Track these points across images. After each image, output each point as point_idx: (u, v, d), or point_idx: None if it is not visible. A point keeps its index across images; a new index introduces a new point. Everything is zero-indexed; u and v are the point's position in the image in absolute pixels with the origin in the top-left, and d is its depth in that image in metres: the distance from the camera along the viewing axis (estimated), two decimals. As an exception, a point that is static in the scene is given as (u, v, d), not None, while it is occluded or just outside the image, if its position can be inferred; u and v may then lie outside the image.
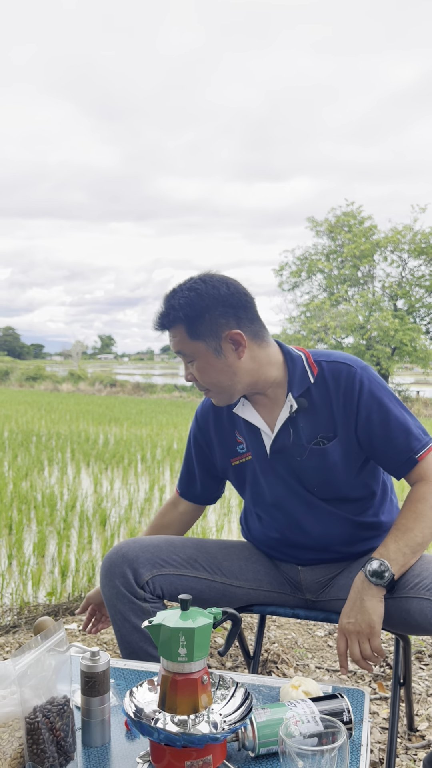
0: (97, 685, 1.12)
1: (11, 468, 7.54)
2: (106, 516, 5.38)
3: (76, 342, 43.65)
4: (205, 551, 1.71)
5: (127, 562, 1.59)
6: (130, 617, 1.56)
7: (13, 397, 21.49)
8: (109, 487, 6.90)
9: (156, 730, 0.99)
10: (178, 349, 1.55)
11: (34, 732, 1.02)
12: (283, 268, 22.75)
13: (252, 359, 1.55)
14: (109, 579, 1.59)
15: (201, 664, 1.04)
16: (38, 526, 5.06)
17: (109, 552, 1.64)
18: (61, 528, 5.01)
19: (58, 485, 6.79)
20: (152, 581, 1.58)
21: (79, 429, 11.82)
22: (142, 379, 28.15)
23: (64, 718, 1.06)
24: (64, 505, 5.84)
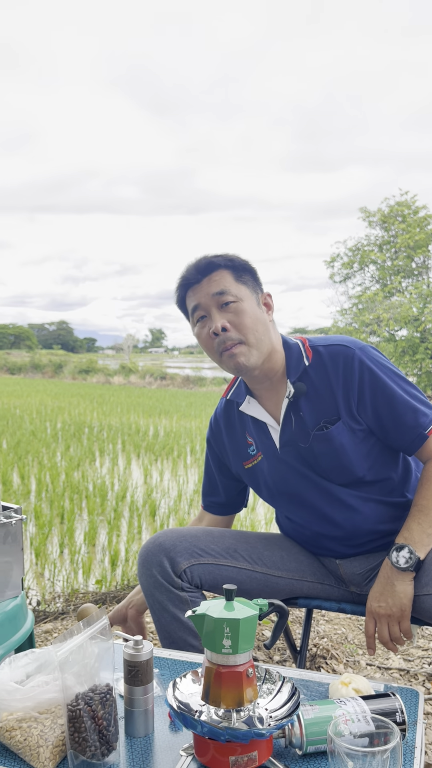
0: (140, 674, 1.09)
1: (64, 458, 7.68)
2: (155, 507, 5.41)
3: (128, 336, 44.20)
4: (245, 541, 1.68)
5: (164, 551, 1.57)
6: (168, 606, 1.54)
7: (66, 389, 21.90)
8: (158, 478, 6.94)
9: (199, 723, 0.95)
10: (222, 288, 1.51)
11: (76, 720, 1.00)
12: (334, 260, 22.42)
13: (273, 332, 1.59)
14: (146, 568, 1.58)
15: (246, 656, 1.00)
16: (89, 515, 5.13)
17: (146, 542, 1.62)
18: (111, 518, 5.06)
19: (109, 476, 6.87)
20: (190, 570, 1.56)
21: (130, 421, 11.95)
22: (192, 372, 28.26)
23: (107, 707, 1.04)
24: (114, 495, 5.90)
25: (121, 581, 3.45)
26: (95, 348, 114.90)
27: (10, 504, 1.32)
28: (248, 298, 1.53)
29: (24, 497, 5.64)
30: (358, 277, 22.63)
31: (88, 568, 3.84)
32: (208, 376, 26.65)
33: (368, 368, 1.52)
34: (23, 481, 6.33)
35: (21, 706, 1.05)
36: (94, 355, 59.02)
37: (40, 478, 6.35)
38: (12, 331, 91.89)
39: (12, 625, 1.26)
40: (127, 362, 31.31)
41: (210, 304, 1.53)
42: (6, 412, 12.94)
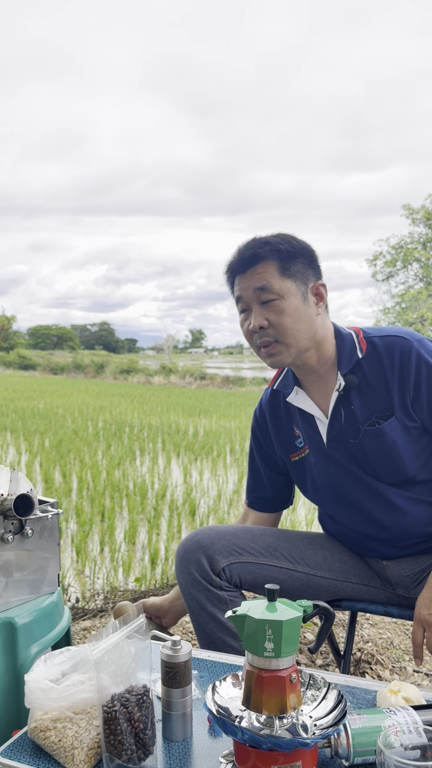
0: (178, 676, 1.05)
1: (105, 457, 7.72)
2: (195, 506, 5.38)
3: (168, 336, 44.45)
4: (286, 540, 1.62)
5: (202, 548, 1.53)
6: (206, 606, 1.50)
7: (107, 389, 22.12)
8: (198, 477, 6.92)
9: (240, 730, 0.90)
10: (264, 284, 1.44)
11: (111, 722, 0.96)
12: (377, 258, 22.10)
13: (322, 324, 1.51)
14: (184, 566, 1.53)
15: (289, 660, 0.95)
16: (129, 513, 5.13)
17: (184, 539, 1.58)
18: (151, 516, 5.06)
19: (149, 474, 6.88)
20: (228, 569, 1.51)
21: (170, 420, 11.97)
22: (232, 373, 28.22)
23: (144, 709, 0.99)
24: (154, 494, 5.90)
25: (161, 580, 3.43)
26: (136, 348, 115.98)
27: (47, 498, 1.30)
28: (292, 294, 1.45)
29: (65, 495, 5.69)
30: (402, 276, 22.24)
31: (127, 566, 3.84)
32: (248, 376, 26.56)
33: (426, 362, 1.44)
34: (65, 479, 6.38)
35: (56, 705, 1.02)
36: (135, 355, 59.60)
37: (82, 476, 6.40)
38: (55, 332, 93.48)
39: (48, 621, 1.23)
40: (167, 362, 31.47)
41: (252, 298, 1.47)
42: (49, 411, 13.12)
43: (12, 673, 1.16)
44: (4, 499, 1.19)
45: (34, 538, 1.24)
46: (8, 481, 1.23)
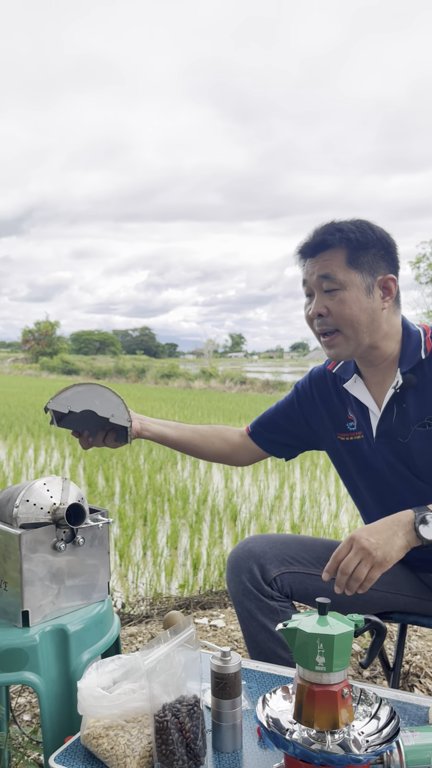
0: (228, 687, 1.05)
1: (147, 461, 7.79)
2: (236, 511, 5.38)
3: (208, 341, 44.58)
4: None
5: (254, 557, 1.52)
6: (257, 615, 1.49)
7: (148, 393, 22.29)
8: (239, 482, 6.91)
9: (292, 744, 0.90)
10: (328, 272, 1.42)
11: (163, 731, 0.97)
12: (420, 260, 21.74)
13: (387, 319, 1.47)
14: (235, 574, 1.53)
15: (341, 675, 0.94)
16: (171, 518, 5.16)
17: (236, 547, 1.58)
18: (193, 521, 5.07)
19: (191, 479, 6.90)
20: (280, 579, 1.51)
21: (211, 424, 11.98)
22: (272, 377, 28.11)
23: (194, 719, 1.00)
24: (196, 498, 5.92)
25: (203, 586, 3.43)
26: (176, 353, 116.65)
27: (98, 507, 1.32)
28: (356, 286, 1.42)
29: (108, 499, 5.75)
30: (445, 278, 21.83)
31: (170, 571, 3.85)
32: (288, 381, 26.42)
33: None
34: (108, 483, 6.46)
35: (108, 713, 1.03)
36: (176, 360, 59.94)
37: (124, 480, 6.46)
38: (97, 337, 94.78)
39: (99, 629, 1.25)
40: (207, 367, 31.56)
41: (315, 285, 1.46)
42: (91, 415, 13.28)
43: (64, 679, 1.18)
44: (57, 508, 1.22)
45: (85, 547, 1.26)
46: (60, 490, 1.25)
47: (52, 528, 1.21)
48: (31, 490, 1.22)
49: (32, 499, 1.22)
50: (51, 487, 1.24)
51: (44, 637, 1.17)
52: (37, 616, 1.19)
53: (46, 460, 7.73)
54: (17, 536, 1.16)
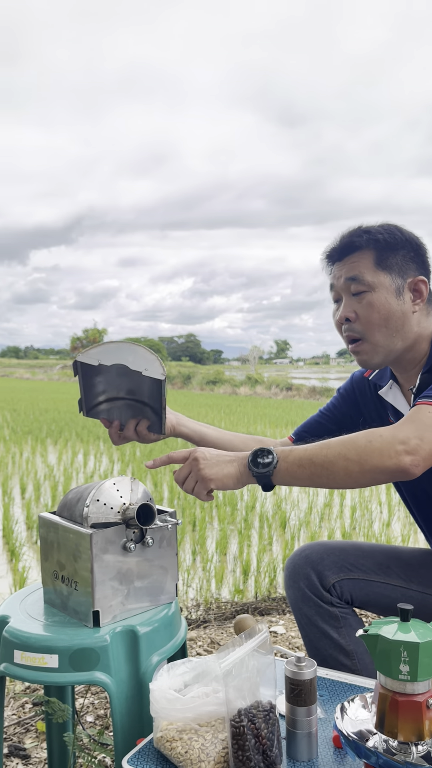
0: (303, 693, 1.03)
1: (194, 467, 7.78)
2: (285, 518, 5.33)
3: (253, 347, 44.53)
4: (397, 557, 1.56)
5: (311, 564, 1.50)
6: (317, 622, 1.46)
7: (194, 399, 22.38)
8: (287, 490, 6.85)
9: (374, 754, 0.87)
10: (356, 274, 1.39)
11: (239, 737, 0.95)
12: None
13: (418, 322, 1.42)
14: (293, 581, 1.51)
15: (426, 685, 0.91)
16: (220, 524, 5.14)
17: (293, 554, 1.55)
18: (242, 527, 5.04)
19: (238, 486, 6.87)
20: (339, 585, 1.47)
21: (257, 431, 11.95)
22: (318, 383, 27.85)
23: (270, 725, 0.98)
24: (244, 505, 5.89)
25: (254, 592, 3.41)
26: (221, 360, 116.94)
27: (165, 508, 1.31)
28: (384, 288, 1.38)
29: (157, 504, 5.78)
30: None
31: (220, 577, 3.84)
32: (335, 387, 26.10)
33: None
34: (156, 488, 6.49)
35: (181, 716, 1.02)
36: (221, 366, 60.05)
37: (172, 485, 6.48)
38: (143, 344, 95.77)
39: (167, 632, 1.24)
40: (252, 373, 31.50)
41: (343, 288, 1.43)
42: (138, 421, 13.39)
43: (134, 680, 1.17)
44: (127, 508, 1.22)
45: (154, 548, 1.26)
46: (129, 490, 1.25)
47: (122, 528, 1.21)
48: (101, 490, 1.22)
49: (102, 498, 1.22)
50: (120, 487, 1.24)
51: (115, 637, 1.16)
52: (107, 616, 1.19)
53: (95, 465, 7.81)
54: (88, 536, 1.16)
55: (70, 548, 1.21)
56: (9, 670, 1.16)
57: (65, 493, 4.55)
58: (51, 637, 1.15)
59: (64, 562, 1.24)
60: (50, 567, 1.29)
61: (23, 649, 1.15)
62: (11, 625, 1.20)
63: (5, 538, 4.72)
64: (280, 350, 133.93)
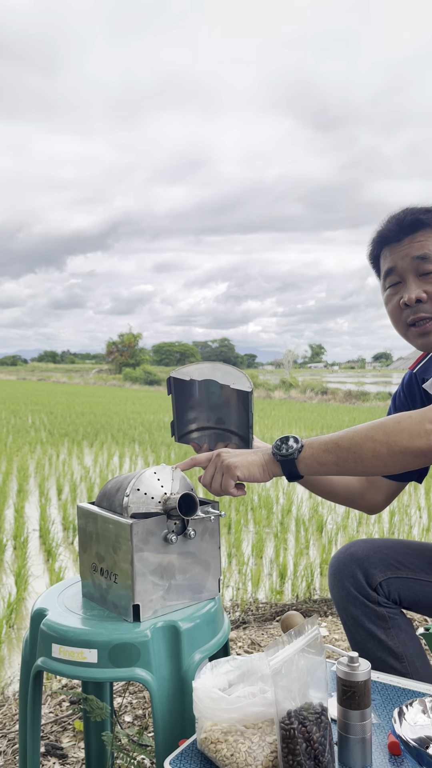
0: (357, 696, 0.96)
1: (229, 470, 7.73)
2: (322, 522, 5.23)
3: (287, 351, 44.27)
4: None
5: (356, 561, 1.43)
6: (363, 622, 1.39)
7: (227, 404, 22.27)
8: (324, 493, 6.73)
9: (439, 764, 0.80)
10: (426, 252, 1.32)
11: (290, 740, 0.89)
12: None
13: None
14: (338, 580, 1.44)
15: None
16: (255, 527, 5.08)
17: (338, 552, 1.49)
18: (278, 531, 4.97)
19: (273, 489, 6.80)
20: (386, 584, 1.40)
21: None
22: (354, 387, 27.48)
23: (322, 729, 0.92)
24: (280, 508, 5.81)
25: (291, 595, 3.33)
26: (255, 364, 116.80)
27: (207, 499, 1.26)
28: None
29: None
30: None
31: (256, 580, 3.78)
32: (372, 391, 25.80)
33: None
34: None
35: (226, 717, 0.96)
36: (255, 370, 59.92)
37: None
38: (178, 349, 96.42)
39: (210, 628, 1.19)
40: (287, 377, 31.30)
41: (408, 269, 1.35)
42: (172, 424, 13.42)
43: (176, 678, 1.12)
44: (168, 497, 1.17)
45: (196, 540, 1.21)
46: (170, 479, 1.20)
47: (163, 518, 1.16)
48: (141, 480, 1.18)
49: (143, 488, 1.17)
50: (161, 476, 1.20)
51: (156, 633, 1.11)
52: (148, 611, 1.14)
53: (130, 467, 7.82)
54: (129, 526, 1.11)
55: (110, 539, 1.17)
56: (47, 664, 1.12)
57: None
58: (90, 631, 1.11)
59: (103, 553, 1.19)
60: (89, 559, 1.24)
61: (61, 642, 1.11)
62: (49, 619, 1.16)
63: (42, 539, 4.73)
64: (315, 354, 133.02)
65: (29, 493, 6.33)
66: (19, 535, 4.63)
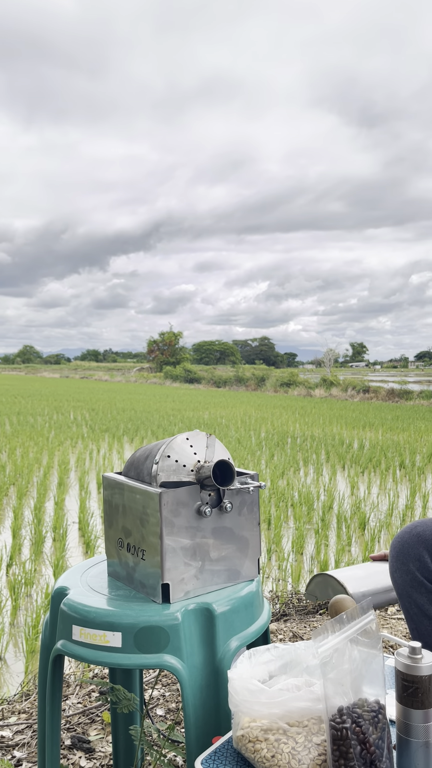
0: (420, 693, 0.82)
1: (268, 466, 7.59)
2: (365, 519, 5.06)
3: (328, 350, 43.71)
4: None
5: (424, 543, 1.28)
6: (428, 610, 1.25)
7: (268, 401, 22.12)
8: (366, 491, 6.54)
9: None
10: None
11: (341, 741, 0.76)
12: None
13: None
14: (401, 563, 1.29)
15: None
16: (296, 523, 4.94)
17: (401, 531, 1.34)
18: (319, 527, 4.83)
19: (314, 485, 6.63)
20: None
21: (333, 432, 11.60)
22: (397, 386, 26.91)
23: (379, 731, 0.78)
24: (321, 504, 5.66)
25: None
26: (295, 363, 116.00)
27: (247, 470, 1.13)
28: None
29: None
30: None
31: (297, 576, 3.65)
32: (415, 389, 25.20)
33: None
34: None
35: (267, 712, 0.83)
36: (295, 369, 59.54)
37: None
38: (218, 348, 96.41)
39: (248, 613, 1.06)
40: (328, 375, 30.89)
41: None
42: (213, 421, 13.32)
43: (210, 668, 0.99)
44: (201, 466, 1.05)
45: (233, 514, 1.08)
46: (205, 447, 1.08)
47: (196, 488, 1.03)
48: (171, 446, 1.06)
49: (173, 455, 1.05)
50: (195, 443, 1.07)
51: (187, 616, 0.99)
52: (179, 591, 1.02)
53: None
54: (157, 495, 0.99)
55: (137, 511, 1.05)
56: (66, 647, 1.01)
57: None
58: (114, 612, 0.99)
59: (130, 527, 1.08)
60: (115, 534, 1.13)
61: (83, 624, 1.00)
62: (70, 598, 1.05)
63: (81, 530, 4.68)
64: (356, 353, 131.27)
65: (69, 486, 6.31)
66: (58, 527, 4.59)
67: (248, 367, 45.03)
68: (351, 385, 26.83)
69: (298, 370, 52.35)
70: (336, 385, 27.46)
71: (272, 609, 2.68)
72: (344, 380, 28.55)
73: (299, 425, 12.91)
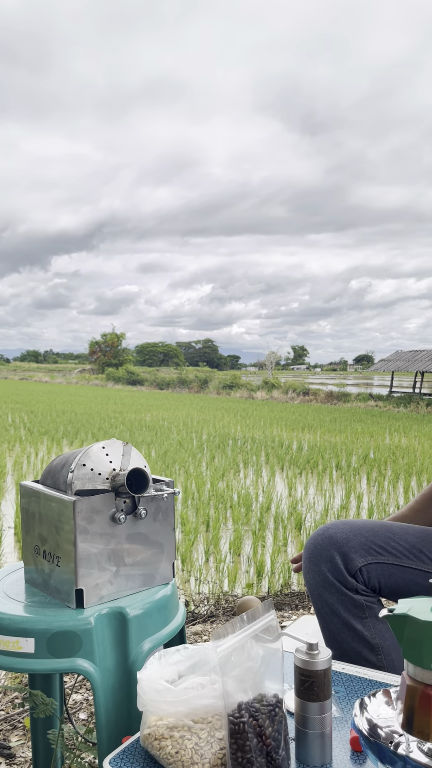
0: (316, 687, 0.87)
1: (209, 468, 7.65)
2: (301, 520, 5.17)
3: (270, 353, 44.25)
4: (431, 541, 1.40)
5: (335, 544, 1.33)
6: (339, 611, 1.30)
7: (210, 403, 22.22)
8: (303, 491, 6.68)
9: (402, 760, 0.72)
10: None
11: (239, 735, 0.80)
12: None
13: None
14: (314, 564, 1.34)
15: (465, 677, 0.75)
16: (234, 524, 5.00)
17: (315, 533, 1.39)
18: (256, 528, 4.90)
19: (253, 487, 6.72)
20: (366, 570, 1.31)
21: (273, 434, 11.77)
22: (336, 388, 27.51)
23: (276, 723, 0.83)
24: (259, 506, 5.74)
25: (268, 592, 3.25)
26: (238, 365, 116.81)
27: (162, 477, 1.16)
28: None
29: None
30: None
31: (233, 577, 3.70)
32: (353, 392, 25.80)
33: None
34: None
35: (173, 710, 0.87)
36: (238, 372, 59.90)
37: (187, 486, 6.34)
38: (161, 349, 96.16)
39: (162, 616, 1.09)
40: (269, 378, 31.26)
41: None
42: (155, 423, 13.30)
43: (123, 670, 1.02)
44: (117, 474, 1.07)
45: (148, 520, 1.11)
46: (120, 455, 1.11)
47: (110, 496, 1.06)
48: (87, 454, 1.08)
49: (89, 463, 1.07)
50: (110, 451, 1.10)
51: (100, 620, 1.02)
52: (93, 596, 1.05)
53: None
54: (71, 503, 1.02)
55: (53, 519, 1.07)
56: (-20, 655, 1.02)
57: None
58: (28, 618, 1.01)
59: (46, 535, 1.09)
60: (31, 542, 1.14)
61: (-3, 631, 1.01)
62: (-15, 605, 1.06)
63: (17, 536, 4.62)
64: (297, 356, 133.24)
65: (6, 490, 6.20)
66: (-8, 533, 4.52)
67: (192, 369, 45.09)
68: (292, 387, 27.24)
69: (241, 373, 52.73)
70: (277, 388, 27.83)
71: (202, 610, 2.73)
72: (285, 383, 28.96)
73: (240, 427, 13.03)
